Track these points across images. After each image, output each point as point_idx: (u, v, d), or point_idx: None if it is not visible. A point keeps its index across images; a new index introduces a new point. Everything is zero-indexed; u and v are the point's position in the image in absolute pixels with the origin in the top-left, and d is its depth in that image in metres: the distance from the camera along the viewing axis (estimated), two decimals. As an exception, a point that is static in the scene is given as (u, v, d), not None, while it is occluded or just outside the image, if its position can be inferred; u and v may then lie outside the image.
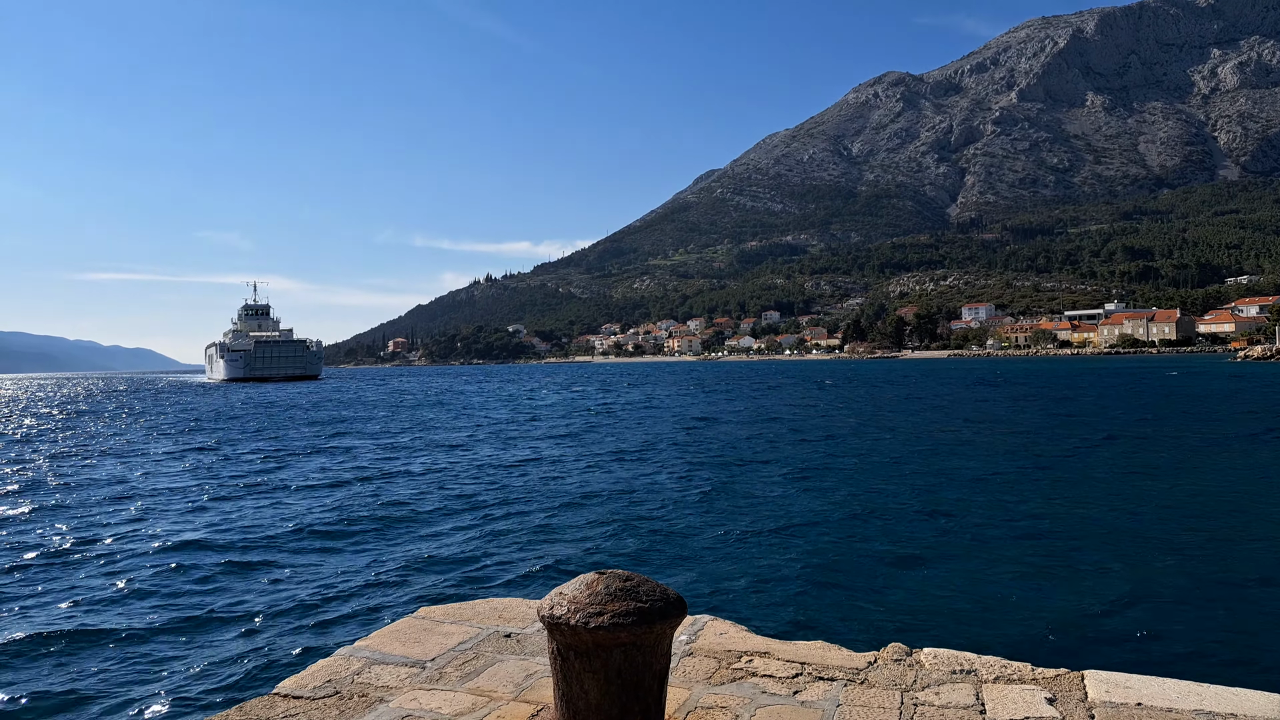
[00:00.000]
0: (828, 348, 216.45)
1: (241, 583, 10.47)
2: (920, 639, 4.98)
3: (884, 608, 8.92)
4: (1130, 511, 13.68)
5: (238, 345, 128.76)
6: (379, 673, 3.73)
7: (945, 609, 8.81)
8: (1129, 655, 7.22)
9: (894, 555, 11.11)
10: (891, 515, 13.81)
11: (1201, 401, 37.91)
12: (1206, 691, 3.30)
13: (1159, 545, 11.36)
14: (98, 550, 12.43)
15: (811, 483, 17.52)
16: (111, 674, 7.48)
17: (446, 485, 18.42)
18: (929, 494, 15.71)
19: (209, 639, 8.39)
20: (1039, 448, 22.57)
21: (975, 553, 11.13)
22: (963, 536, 12.09)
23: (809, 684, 3.54)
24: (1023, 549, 11.27)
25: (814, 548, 11.69)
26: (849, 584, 9.84)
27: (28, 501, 17.12)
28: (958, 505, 14.49)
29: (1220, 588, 9.36)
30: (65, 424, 43.96)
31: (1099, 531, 12.26)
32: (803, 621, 8.43)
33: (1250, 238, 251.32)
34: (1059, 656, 6.39)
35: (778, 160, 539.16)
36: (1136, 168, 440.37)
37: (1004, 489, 16.08)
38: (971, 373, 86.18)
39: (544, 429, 33.09)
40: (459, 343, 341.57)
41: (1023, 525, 12.72)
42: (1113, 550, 11.11)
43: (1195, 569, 10.13)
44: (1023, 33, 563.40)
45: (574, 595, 2.85)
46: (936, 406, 39.79)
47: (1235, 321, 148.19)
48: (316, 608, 9.35)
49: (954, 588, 9.56)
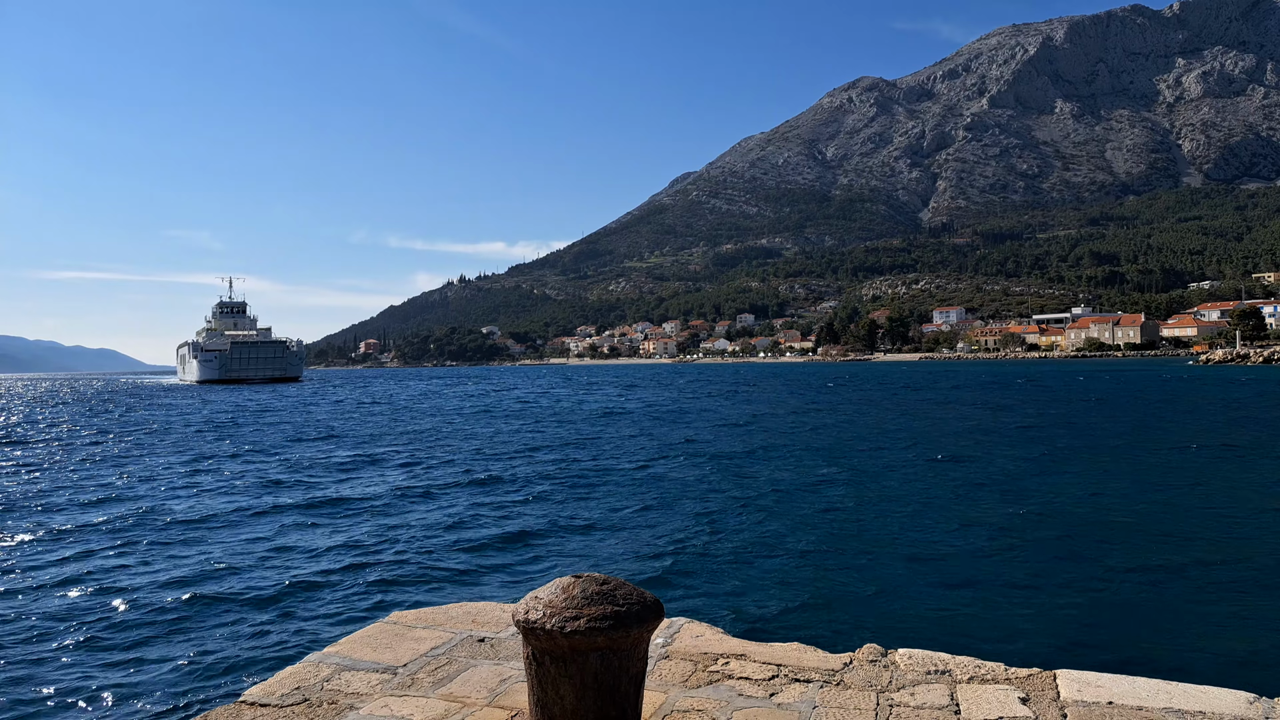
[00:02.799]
0: (801, 350, 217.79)
1: (208, 586, 10.26)
2: (895, 640, 5.00)
3: (859, 609, 8.96)
4: (1099, 513, 13.88)
5: (212, 345, 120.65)
6: (349, 679, 3.67)
7: (920, 610, 8.87)
8: (1100, 655, 7.31)
9: (869, 556, 11.17)
10: (865, 517, 13.89)
11: (1177, 404, 38.68)
12: (1176, 690, 3.33)
13: (1128, 546, 11.54)
14: (50, 554, 12.13)
15: (787, 485, 17.57)
16: (71, 681, 7.28)
17: (435, 481, 18.24)
18: (903, 496, 15.83)
19: (172, 646, 8.21)
20: (1015, 450, 22.86)
21: (949, 554, 11.22)
22: (936, 538, 12.19)
23: (785, 686, 3.54)
24: (995, 550, 11.39)
25: (790, 549, 11.72)
26: (824, 585, 9.87)
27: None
28: (931, 507, 14.62)
29: (1189, 588, 9.53)
30: (58, 433, 42.92)
31: (1070, 533, 12.42)
32: (779, 623, 8.43)
33: (1212, 244, 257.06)
34: (1031, 656, 6.44)
35: (753, 164, 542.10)
36: (1103, 174, 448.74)
37: (976, 492, 16.25)
38: (983, 374, 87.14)
39: (547, 434, 32.88)
40: (432, 344, 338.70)
41: (994, 528, 12.86)
42: (1083, 551, 11.27)
43: (1163, 569, 10.30)
44: (994, 40, 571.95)
45: (549, 599, 2.80)
46: (941, 403, 40.18)
47: (1198, 326, 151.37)
48: (285, 612, 9.19)
49: (928, 589, 9.63)
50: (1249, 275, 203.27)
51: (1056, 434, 26.55)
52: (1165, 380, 62.16)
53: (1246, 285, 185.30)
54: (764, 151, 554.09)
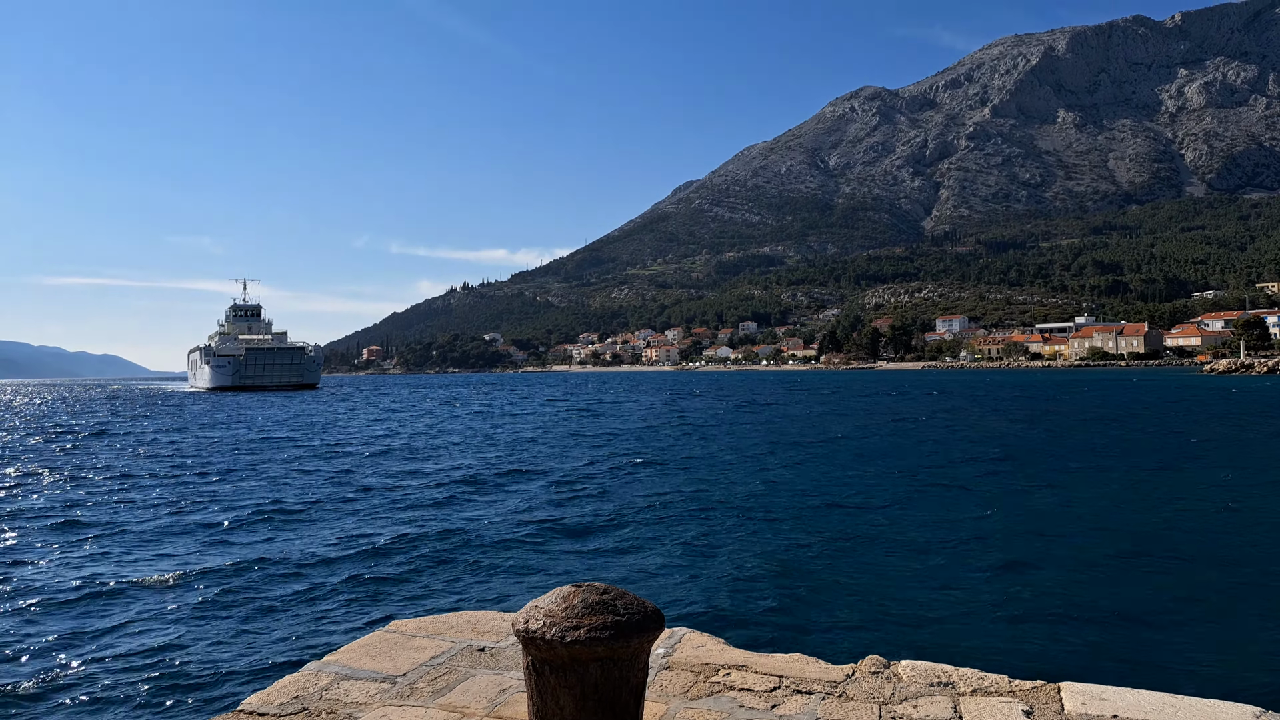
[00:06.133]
0: (804, 359, 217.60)
1: (205, 594, 10.23)
2: (898, 651, 4.96)
3: (861, 619, 8.91)
4: (1105, 527, 13.82)
5: (226, 350, 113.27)
6: (348, 688, 3.65)
7: (923, 621, 8.82)
8: (1105, 667, 7.25)
9: (872, 567, 11.12)
10: (868, 528, 13.83)
11: (1189, 410, 38.58)
12: (1180, 703, 3.32)
13: (1133, 560, 11.47)
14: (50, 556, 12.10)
15: (789, 496, 17.52)
16: (67, 688, 7.25)
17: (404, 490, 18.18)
18: (906, 507, 15.77)
19: (170, 654, 8.18)
20: (1020, 462, 22.79)
21: (953, 565, 11.17)
22: (940, 548, 12.14)
23: (787, 697, 3.51)
24: (999, 561, 11.33)
25: (791, 559, 11.67)
26: (826, 596, 9.82)
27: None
28: (934, 519, 14.56)
29: (1195, 601, 9.47)
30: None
31: (1075, 546, 12.36)
32: (780, 634, 8.39)
33: (1215, 253, 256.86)
34: (1036, 668, 6.39)
35: (755, 172, 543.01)
36: (1106, 184, 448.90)
37: (980, 506, 16.19)
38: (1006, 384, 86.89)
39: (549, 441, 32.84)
40: (435, 351, 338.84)
41: (998, 539, 12.80)
42: (1088, 564, 11.20)
43: (1168, 582, 10.24)
44: (996, 50, 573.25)
45: (550, 608, 2.78)
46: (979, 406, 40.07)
47: (1201, 335, 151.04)
48: (284, 621, 9.16)
49: (931, 599, 9.58)
50: (1253, 285, 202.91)
51: (1065, 448, 26.46)
52: (1181, 391, 61.97)
53: (1250, 295, 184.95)
54: (766, 160, 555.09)
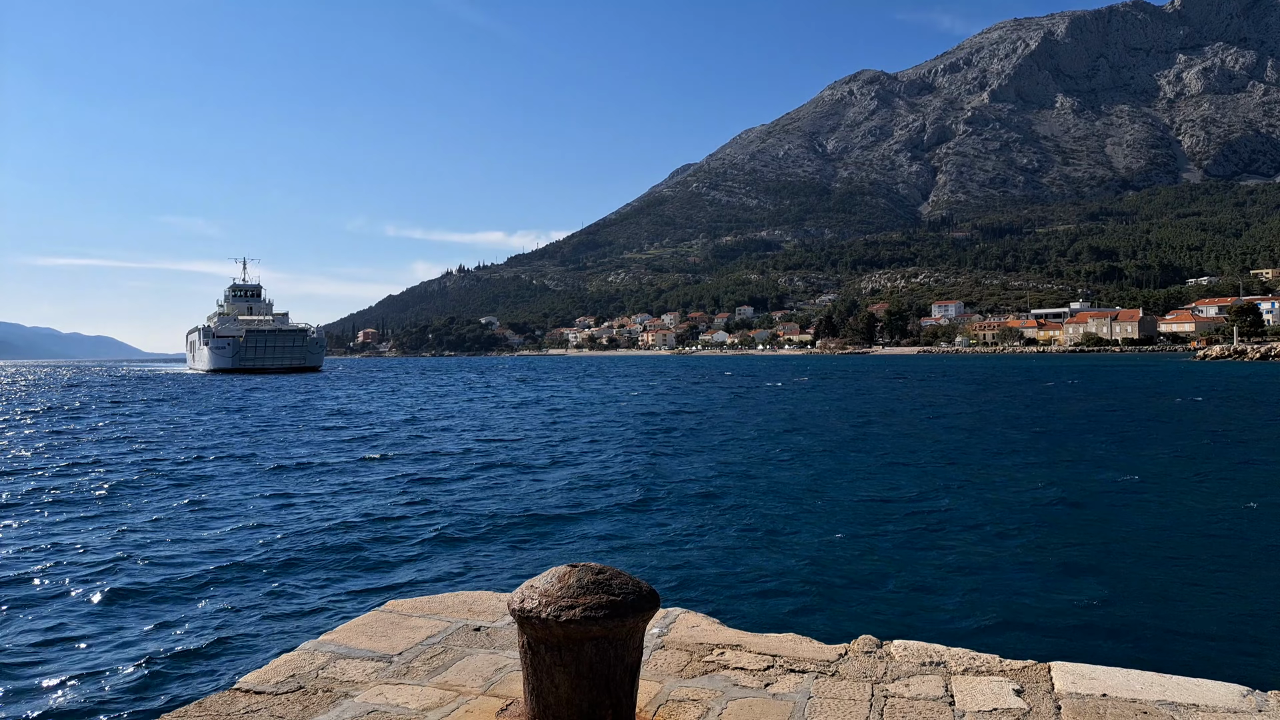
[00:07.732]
0: (800, 343, 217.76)
1: (203, 574, 10.26)
2: (890, 631, 5.00)
3: (855, 601, 8.98)
4: (1096, 506, 13.91)
5: (225, 331, 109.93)
6: (344, 667, 3.66)
7: (916, 602, 8.89)
8: (1095, 647, 7.33)
9: (863, 548, 11.19)
10: (861, 508, 13.91)
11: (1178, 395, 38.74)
12: (1170, 682, 3.35)
13: (1124, 540, 11.57)
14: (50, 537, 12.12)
15: (784, 475, 17.60)
16: (66, 666, 7.29)
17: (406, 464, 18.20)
18: (898, 487, 15.85)
19: (168, 632, 8.21)
20: (1010, 444, 22.90)
21: (944, 546, 11.25)
22: (932, 530, 12.22)
23: (780, 676, 3.54)
24: (990, 542, 11.41)
25: (786, 541, 11.74)
26: (820, 576, 9.89)
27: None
28: (926, 500, 14.65)
29: (1184, 582, 9.55)
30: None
31: (1066, 527, 12.45)
32: (774, 614, 8.45)
33: (1211, 240, 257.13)
34: (1027, 649, 6.45)
35: (753, 156, 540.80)
36: (1103, 169, 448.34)
37: (972, 485, 16.28)
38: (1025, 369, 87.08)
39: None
40: (430, 334, 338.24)
41: (989, 520, 12.88)
42: (1079, 545, 11.29)
43: (1159, 563, 10.33)
44: (995, 34, 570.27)
45: (545, 588, 2.81)
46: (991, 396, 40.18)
47: (1195, 321, 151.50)
48: (281, 600, 9.19)
49: (923, 580, 9.65)
50: (1247, 271, 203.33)
51: (1058, 433, 26.58)
52: (1176, 376, 62.22)
53: (1245, 281, 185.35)
54: (764, 144, 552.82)
